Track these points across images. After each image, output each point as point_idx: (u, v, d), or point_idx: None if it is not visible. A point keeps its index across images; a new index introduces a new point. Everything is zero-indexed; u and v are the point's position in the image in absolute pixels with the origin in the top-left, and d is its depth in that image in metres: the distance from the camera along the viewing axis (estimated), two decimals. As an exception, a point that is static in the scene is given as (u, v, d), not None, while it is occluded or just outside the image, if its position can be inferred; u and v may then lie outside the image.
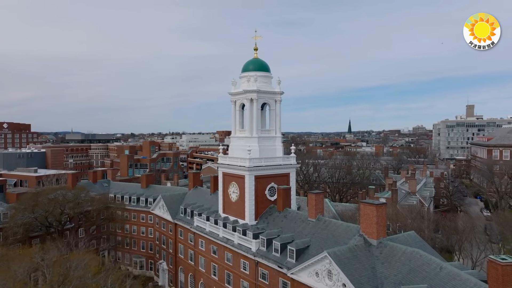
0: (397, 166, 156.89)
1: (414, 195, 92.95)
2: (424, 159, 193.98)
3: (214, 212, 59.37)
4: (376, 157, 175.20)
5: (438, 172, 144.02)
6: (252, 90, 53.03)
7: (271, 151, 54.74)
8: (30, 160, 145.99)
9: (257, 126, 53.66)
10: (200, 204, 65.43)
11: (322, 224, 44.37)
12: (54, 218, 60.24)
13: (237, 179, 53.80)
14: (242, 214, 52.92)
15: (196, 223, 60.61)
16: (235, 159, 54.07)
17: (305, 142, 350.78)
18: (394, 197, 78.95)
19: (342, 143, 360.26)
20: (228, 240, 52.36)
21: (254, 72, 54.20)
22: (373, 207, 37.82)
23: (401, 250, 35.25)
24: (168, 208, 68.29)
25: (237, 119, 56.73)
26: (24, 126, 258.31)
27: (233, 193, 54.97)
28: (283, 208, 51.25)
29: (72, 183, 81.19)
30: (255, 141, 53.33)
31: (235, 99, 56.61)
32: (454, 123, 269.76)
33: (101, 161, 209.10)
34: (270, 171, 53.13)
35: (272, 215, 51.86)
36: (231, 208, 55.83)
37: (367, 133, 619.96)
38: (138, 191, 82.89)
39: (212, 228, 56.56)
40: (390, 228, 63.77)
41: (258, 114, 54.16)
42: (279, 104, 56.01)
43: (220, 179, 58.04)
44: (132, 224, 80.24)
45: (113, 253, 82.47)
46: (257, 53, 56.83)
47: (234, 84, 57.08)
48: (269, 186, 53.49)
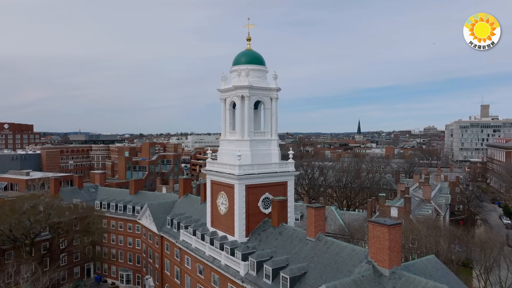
0: (409, 170, 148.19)
1: (429, 202, 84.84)
2: (437, 162, 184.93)
3: (203, 225, 52.37)
4: (386, 160, 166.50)
5: (453, 176, 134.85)
6: (243, 86, 45.86)
7: (266, 157, 47.52)
8: (25, 162, 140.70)
9: (249, 127, 46.47)
10: (189, 215, 58.52)
11: (323, 246, 37.00)
12: (20, 232, 53.67)
13: (226, 188, 46.70)
14: (231, 229, 45.77)
15: (182, 237, 53.66)
16: (224, 165, 46.99)
17: (313, 143, 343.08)
18: (407, 206, 71.01)
19: (351, 144, 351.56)
20: (214, 260, 45.30)
21: (245, 66, 46.98)
22: (384, 228, 30.35)
23: (420, 284, 27.78)
24: (154, 219, 61.49)
25: (227, 120, 49.63)
26: (26, 127, 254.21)
27: (222, 204, 47.88)
28: (278, 223, 43.95)
29: (54, 189, 74.97)
30: (246, 145, 46.14)
31: (224, 96, 49.55)
32: (468, 124, 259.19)
33: (102, 163, 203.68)
34: (264, 180, 45.92)
35: (265, 231, 44.60)
36: (220, 222, 48.72)
37: (377, 133, 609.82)
38: (126, 197, 76.29)
39: (198, 244, 49.52)
40: (403, 241, 56.11)
41: (251, 113, 47.00)
42: (276, 102, 48.76)
43: (208, 188, 51.02)
44: (118, 234, 73.65)
45: (99, 265, 75.98)
46: (250, 43, 49.69)
47: (224, 80, 49.98)
48: (263, 197, 46.27)
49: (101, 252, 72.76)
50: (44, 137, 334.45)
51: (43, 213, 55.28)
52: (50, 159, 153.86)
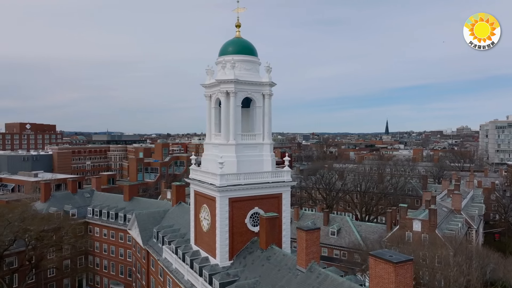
0: (438, 174, 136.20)
1: (459, 214, 74.68)
2: (470, 165, 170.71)
3: (187, 242, 45.46)
4: (412, 163, 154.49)
5: (487, 181, 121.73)
6: (227, 80, 38.54)
7: (256, 164, 39.96)
8: (36, 163, 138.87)
9: (235, 129, 39.09)
10: (177, 228, 51.82)
11: (315, 279, 29.20)
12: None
13: (209, 201, 39.56)
14: (213, 250, 38.59)
15: (165, 255, 46.98)
16: (207, 174, 39.86)
17: (338, 144, 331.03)
18: (433, 219, 61.60)
19: (377, 145, 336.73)
20: (192, 286, 38.27)
21: (231, 56, 39.67)
22: (390, 267, 22.54)
23: None
24: (140, 230, 55.18)
25: (213, 120, 42.45)
26: (48, 127, 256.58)
27: (204, 219, 40.79)
28: (267, 245, 36.33)
29: (45, 194, 70.25)
30: (231, 150, 38.80)
31: (209, 92, 42.42)
32: (505, 124, 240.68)
33: (120, 163, 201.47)
34: (253, 191, 38.47)
35: (252, 254, 37.11)
36: (203, 240, 41.65)
37: (407, 134, 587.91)
38: (120, 204, 70.62)
39: (179, 265, 42.64)
40: (425, 268, 47.14)
41: (238, 113, 39.58)
42: (269, 99, 41.11)
43: (192, 199, 44.05)
44: (110, 244, 68.02)
45: (91, 276, 70.70)
46: (240, 30, 42.28)
47: (210, 74, 42.72)
48: (252, 212, 38.81)
49: (86, 264, 67.10)
50: (69, 137, 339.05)
51: (12, 224, 49.83)
52: (61, 160, 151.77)
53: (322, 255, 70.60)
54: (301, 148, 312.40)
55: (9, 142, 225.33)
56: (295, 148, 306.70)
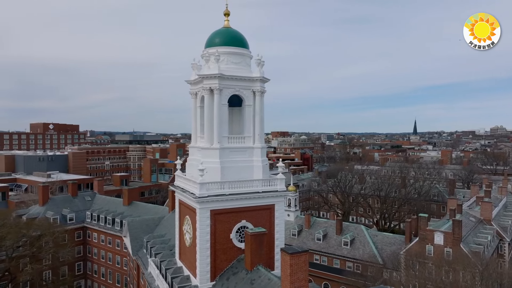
0: (467, 178, 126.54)
1: (489, 224, 67.03)
2: (504, 168, 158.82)
3: (173, 256, 41.08)
4: (439, 165, 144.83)
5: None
6: (210, 75, 33.82)
7: (245, 170, 35.07)
8: (51, 164, 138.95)
9: (219, 131, 34.32)
10: (167, 238, 47.58)
11: (299, 315, 23.97)
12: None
13: (191, 212, 34.99)
14: (194, 268, 33.95)
15: (150, 268, 42.81)
16: (189, 181, 35.30)
17: (362, 145, 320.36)
18: (457, 232, 54.74)
19: (404, 145, 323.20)
20: (171, 309, 33.82)
21: (215, 48, 34.90)
22: None
23: None
24: (131, 239, 51.41)
25: (198, 121, 37.84)
26: (71, 127, 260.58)
27: (187, 232, 36.27)
28: (252, 266, 31.28)
29: (43, 197, 67.80)
30: (215, 155, 34.03)
31: (195, 90, 37.85)
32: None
33: (138, 164, 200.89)
34: (239, 203, 33.55)
35: (236, 275, 32.20)
36: (186, 256, 37.13)
37: (438, 134, 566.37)
38: (119, 208, 67.37)
39: (160, 282, 38.30)
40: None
41: (223, 112, 34.80)
42: (260, 97, 36.10)
43: (177, 209, 39.65)
44: (108, 250, 64.80)
45: (90, 283, 67.77)
46: (229, 19, 37.45)
47: (196, 68, 38.06)
48: (238, 225, 33.91)
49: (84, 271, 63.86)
50: (94, 137, 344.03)
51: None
52: (76, 161, 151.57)
53: (333, 267, 64.96)
54: (324, 149, 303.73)
55: (33, 142, 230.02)
56: (318, 149, 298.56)
